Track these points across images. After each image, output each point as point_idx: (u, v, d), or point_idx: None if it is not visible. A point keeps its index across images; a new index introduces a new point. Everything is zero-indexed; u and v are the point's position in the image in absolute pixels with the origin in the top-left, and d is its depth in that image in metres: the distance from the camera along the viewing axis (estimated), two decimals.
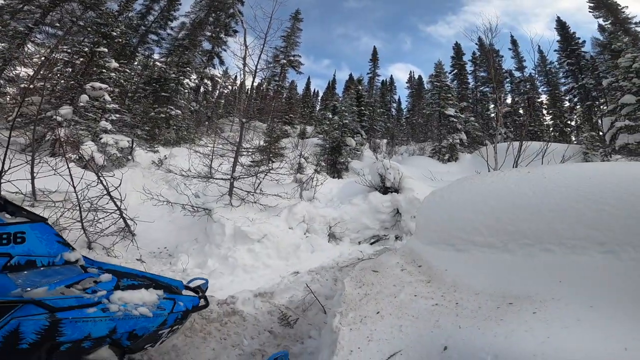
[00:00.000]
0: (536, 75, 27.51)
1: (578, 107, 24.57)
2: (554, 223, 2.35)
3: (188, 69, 18.89)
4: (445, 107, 17.20)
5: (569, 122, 25.16)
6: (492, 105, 25.53)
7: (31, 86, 8.08)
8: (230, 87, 29.17)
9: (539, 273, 2.29)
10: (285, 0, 7.86)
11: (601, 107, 20.04)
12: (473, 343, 1.79)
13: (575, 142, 18.39)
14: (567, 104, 25.96)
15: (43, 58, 11.76)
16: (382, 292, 2.50)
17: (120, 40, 15.26)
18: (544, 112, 27.06)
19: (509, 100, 27.10)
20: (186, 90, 18.80)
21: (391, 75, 58.60)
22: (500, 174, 2.93)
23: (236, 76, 28.30)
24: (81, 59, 12.32)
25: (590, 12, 24.95)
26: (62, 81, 12.17)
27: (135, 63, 21.23)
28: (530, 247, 2.35)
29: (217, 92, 27.54)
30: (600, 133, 14.40)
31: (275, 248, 5.38)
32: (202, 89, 23.38)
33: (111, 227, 5.08)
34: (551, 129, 24.92)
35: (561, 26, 26.15)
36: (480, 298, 2.25)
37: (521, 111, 27.11)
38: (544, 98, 27.51)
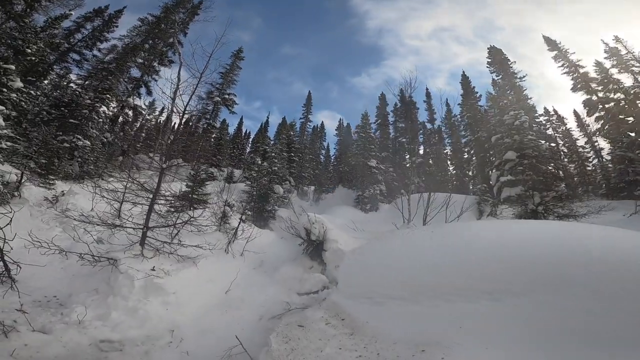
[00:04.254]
0: (443, 128, 31.12)
1: (474, 159, 26.76)
2: (452, 277, 2.77)
3: (108, 95, 17.01)
4: (369, 158, 18.47)
5: (467, 172, 28.45)
6: (408, 156, 27.90)
7: None
8: (154, 120, 27.10)
9: (443, 321, 2.63)
10: (227, 42, 7.73)
11: (492, 159, 21.12)
12: None
13: (472, 191, 20.96)
14: (466, 155, 28.71)
15: None
16: (309, 347, 2.59)
17: (33, 58, 13.56)
18: (448, 162, 30.72)
19: (421, 152, 30.30)
20: (101, 120, 16.75)
21: (322, 122, 61.11)
22: (408, 234, 3.38)
23: (162, 109, 26.39)
24: None
25: (487, 67, 26.45)
26: None
27: (46, 82, 18.61)
28: (435, 299, 2.71)
29: (139, 124, 25.09)
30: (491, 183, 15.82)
31: (194, 300, 5.04)
32: (120, 119, 20.98)
33: None
34: (453, 178, 28.23)
35: (465, 80, 28.02)
36: (397, 347, 2.48)
37: (431, 162, 30.43)
38: (448, 149, 31.06)
